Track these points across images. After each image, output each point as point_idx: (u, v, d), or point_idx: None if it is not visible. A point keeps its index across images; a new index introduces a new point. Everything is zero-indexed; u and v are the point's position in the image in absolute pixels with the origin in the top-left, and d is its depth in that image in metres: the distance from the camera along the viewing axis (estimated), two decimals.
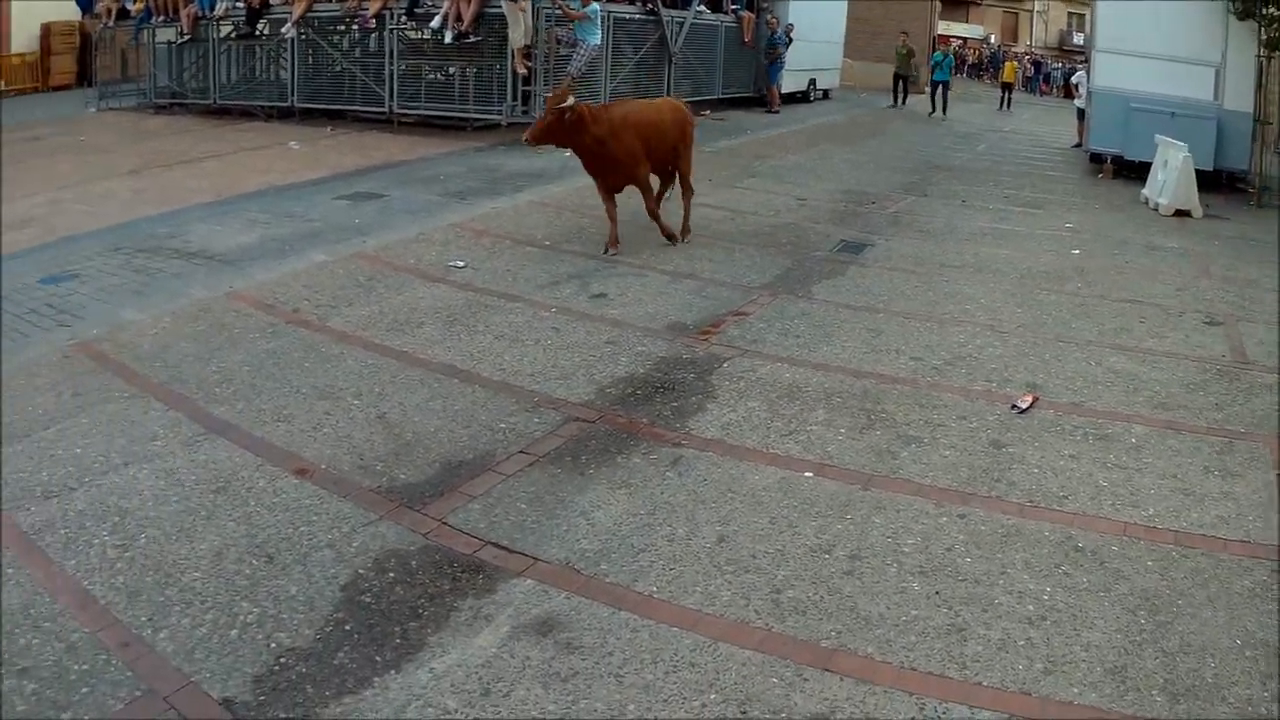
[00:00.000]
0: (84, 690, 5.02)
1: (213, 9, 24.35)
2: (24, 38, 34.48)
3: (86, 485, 6.90)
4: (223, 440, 7.49)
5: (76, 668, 5.18)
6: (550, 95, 12.60)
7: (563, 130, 11.91)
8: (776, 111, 28.23)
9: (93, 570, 5.98)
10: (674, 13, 24.22)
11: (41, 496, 6.80)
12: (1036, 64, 63.47)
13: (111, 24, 28.28)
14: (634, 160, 12.53)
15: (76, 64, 35.45)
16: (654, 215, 13.06)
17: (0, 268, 10.25)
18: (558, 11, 20.05)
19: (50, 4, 34.88)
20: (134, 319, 10.15)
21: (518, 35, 19.70)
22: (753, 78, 29.10)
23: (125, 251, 12.47)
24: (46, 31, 35.37)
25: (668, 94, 23.37)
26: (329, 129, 20.96)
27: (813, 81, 32.70)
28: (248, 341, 9.45)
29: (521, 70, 20.07)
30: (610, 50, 21.93)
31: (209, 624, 5.47)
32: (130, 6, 27.71)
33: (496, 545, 6.21)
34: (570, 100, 11.93)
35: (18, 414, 8.14)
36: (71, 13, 35.99)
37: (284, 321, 9.93)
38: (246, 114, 22.68)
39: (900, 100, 34.26)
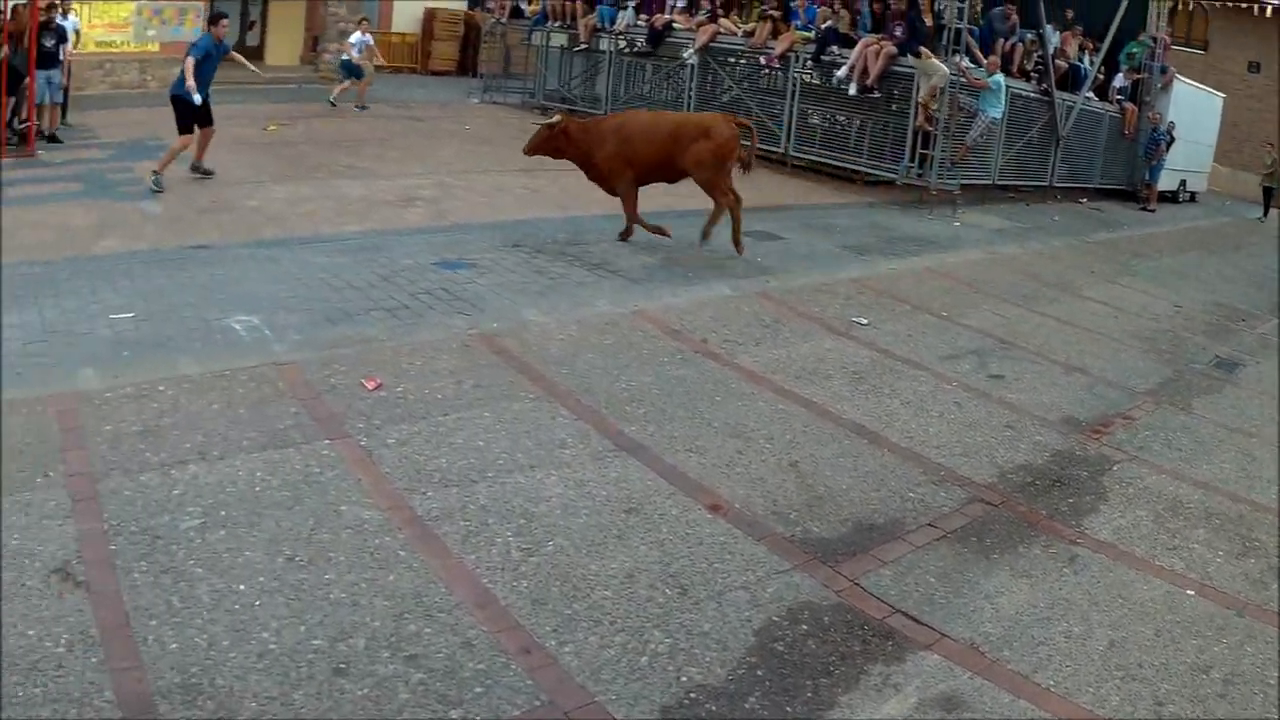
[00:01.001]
0: (477, 690, 5.14)
1: (613, 23, 25.05)
2: (407, 19, 36.18)
3: (490, 481, 7.11)
4: (634, 461, 7.62)
5: (471, 665, 5.31)
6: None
7: (552, 143, 13.84)
8: (1152, 210, 27.59)
9: (494, 569, 6.14)
10: (1065, 95, 23.99)
11: (440, 483, 7.05)
12: None
13: (504, 20, 29.35)
14: (612, 169, 13.91)
15: (458, 52, 36.93)
16: (631, 221, 14.15)
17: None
18: (962, 79, 19.99)
19: None
20: (537, 320, 10.47)
21: (924, 94, 19.66)
22: (1127, 171, 28.54)
23: (524, 250, 12.91)
24: (430, 16, 37.05)
25: (1050, 179, 23.13)
26: None
27: (1183, 183, 31.86)
28: (657, 364, 9.62)
29: (925, 127, 19.99)
30: (1004, 124, 21.74)
31: (618, 646, 5.55)
32: (525, 7, 28.71)
33: (906, 615, 6.27)
34: (557, 117, 13.97)
35: (414, 394, 8.51)
36: (458, 2, 37.65)
37: (692, 350, 10.07)
38: None
39: (1266, 212, 33.07)
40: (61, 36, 19.78)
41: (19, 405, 8.17)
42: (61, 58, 19.34)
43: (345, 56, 26.81)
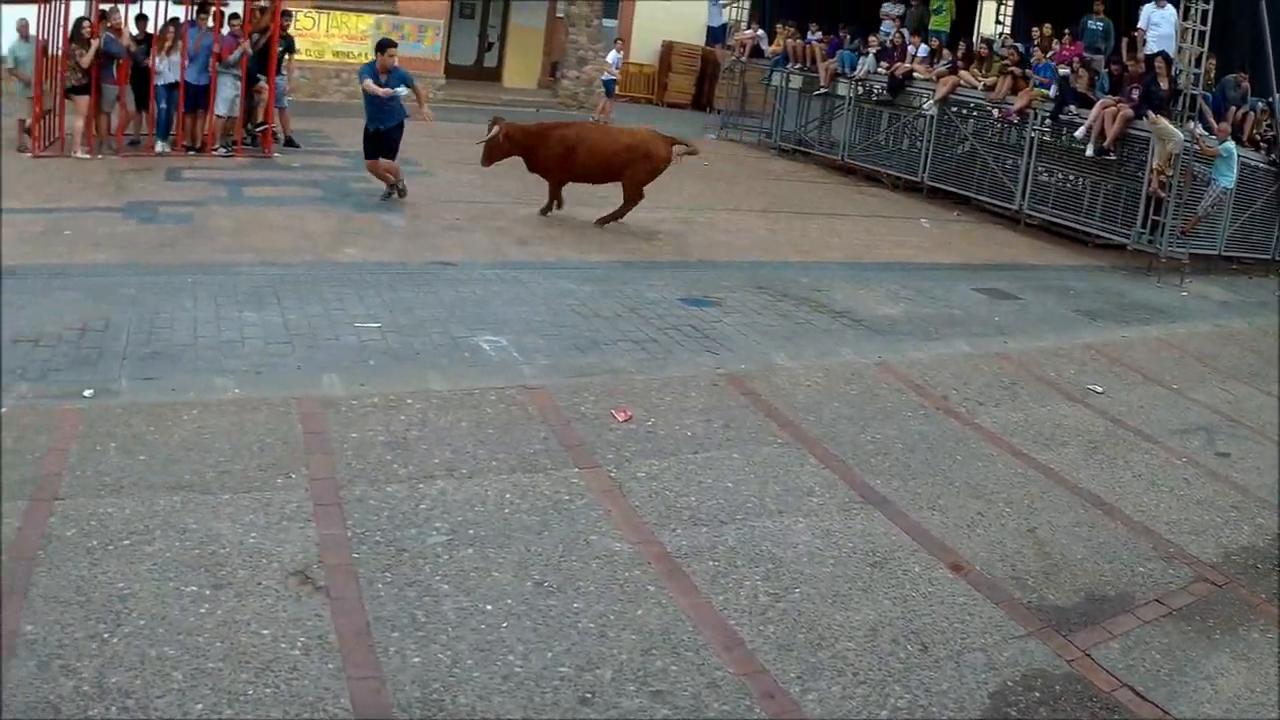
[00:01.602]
0: None
1: (853, 69, 24.96)
2: (645, 50, 36.60)
3: (738, 523, 7.17)
4: (879, 514, 7.62)
5: (716, 706, 5.35)
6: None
7: (500, 149, 15.73)
8: None
9: (742, 611, 6.19)
10: None
11: (689, 521, 7.13)
12: None
13: (744, 59, 29.46)
14: (550, 170, 16.17)
15: (694, 86, 37.20)
16: (544, 212, 16.45)
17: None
18: (1195, 145, 19.54)
19: (675, 24, 36.92)
20: (784, 365, 10.52)
21: (1159, 160, 19.27)
22: None
23: (769, 293, 12.94)
24: (668, 49, 37.48)
25: (1274, 251, 22.48)
26: (955, 213, 21.10)
27: None
28: (900, 418, 9.59)
29: (1158, 193, 19.58)
30: (1232, 193, 21.17)
31: (859, 698, 5.56)
32: (766, 48, 28.80)
33: (1132, 689, 6.19)
34: (495, 129, 15.56)
35: (663, 429, 8.62)
36: (694, 35, 38.06)
37: (934, 407, 10.02)
38: (871, 178, 23.12)
39: None
40: (289, 46, 20.60)
41: (260, 404, 8.49)
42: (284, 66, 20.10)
43: (606, 76, 27.52)
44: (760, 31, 29.23)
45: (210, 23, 19.35)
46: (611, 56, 29.05)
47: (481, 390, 9.11)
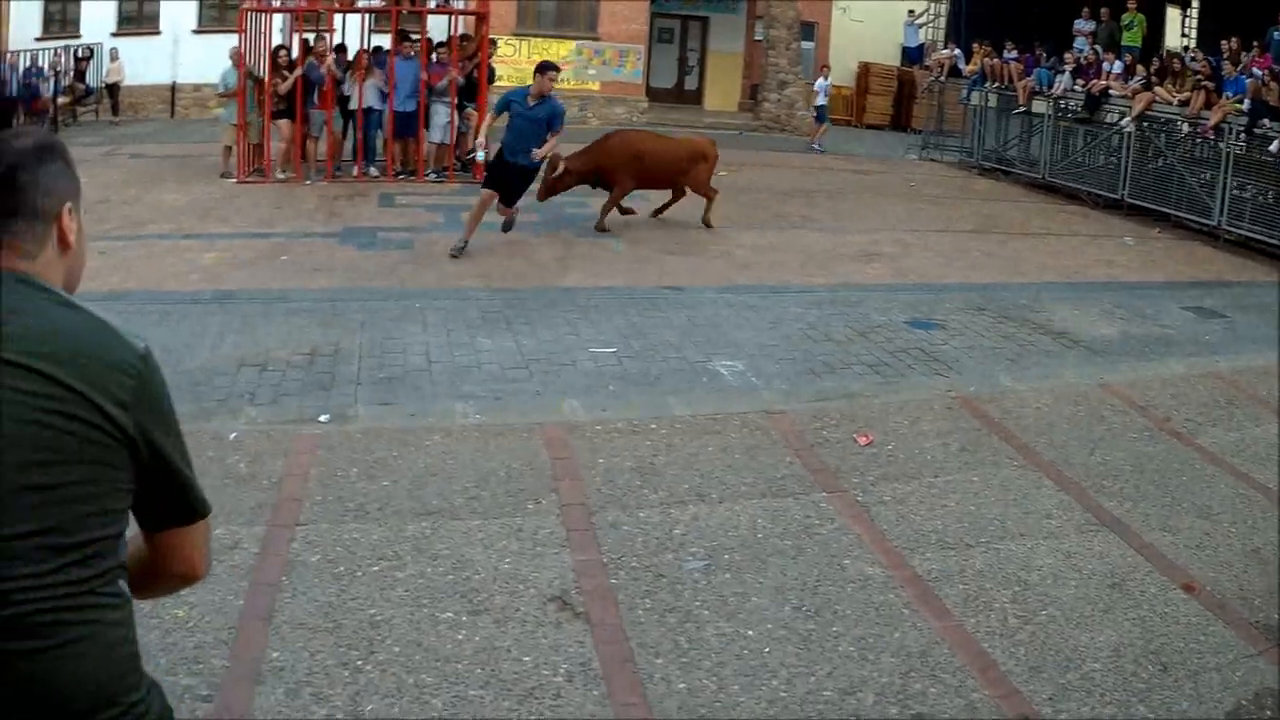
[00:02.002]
0: None
1: (1050, 86, 24.65)
2: (842, 73, 36.49)
3: (983, 546, 7.26)
4: (1114, 536, 7.62)
5: None
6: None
7: (563, 183, 15.71)
8: None
9: (993, 634, 6.26)
10: None
11: (938, 545, 7.24)
12: None
13: (943, 79, 29.26)
14: (619, 181, 16.25)
15: (891, 107, 37.03)
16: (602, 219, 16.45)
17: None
18: None
19: (870, 45, 36.96)
20: (1011, 387, 10.54)
21: None
22: None
23: (989, 314, 12.92)
24: (864, 70, 37.44)
25: None
26: (1155, 230, 20.73)
27: None
28: (1127, 440, 9.54)
29: None
30: None
31: (1106, 719, 5.58)
32: (963, 67, 28.58)
33: None
34: (561, 167, 15.44)
35: (903, 452, 8.74)
36: (889, 56, 38.07)
37: (1157, 427, 9.94)
38: (1071, 196, 22.74)
39: None
40: (490, 74, 21.13)
41: (504, 430, 8.67)
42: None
43: (820, 102, 27.72)
44: (957, 51, 29.03)
45: (413, 52, 19.75)
46: (820, 83, 29.20)
47: (724, 415, 9.27)
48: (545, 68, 14.26)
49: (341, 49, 20.19)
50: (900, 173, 25.51)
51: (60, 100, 28.69)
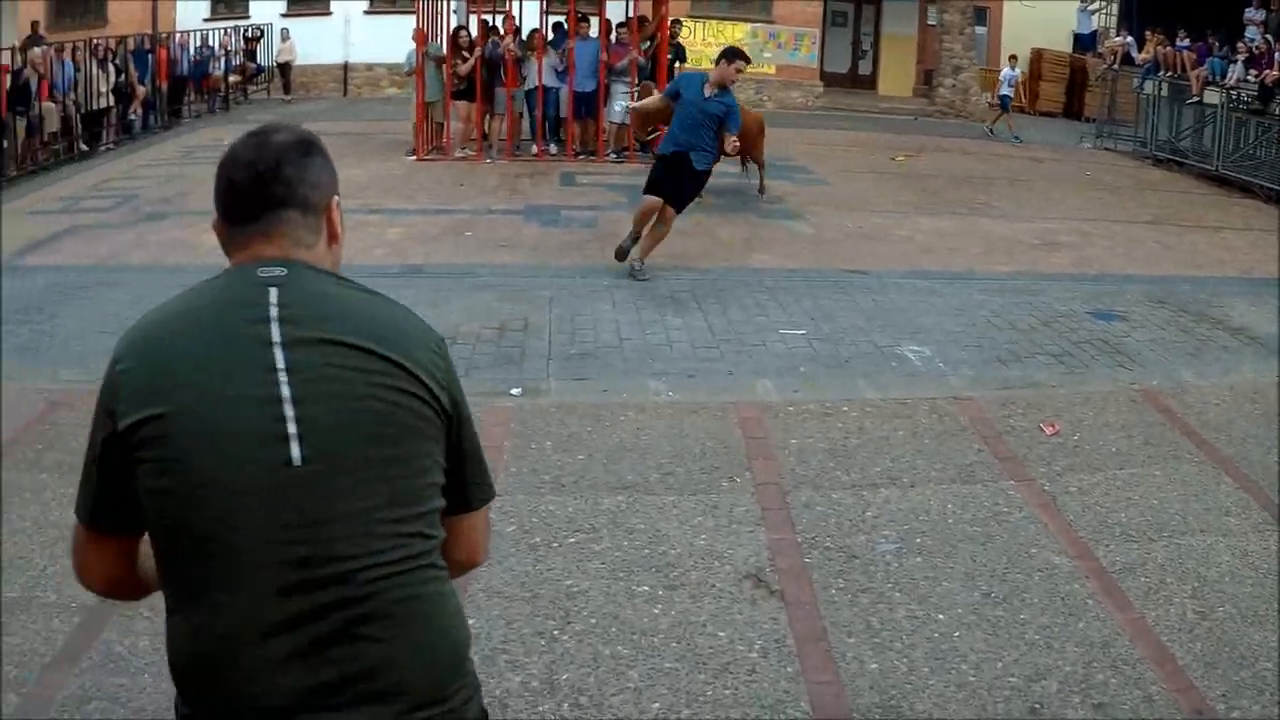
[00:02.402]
0: None
1: (1223, 76, 23.90)
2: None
3: (1165, 540, 7.13)
4: None
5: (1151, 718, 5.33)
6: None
7: (653, 116, 15.71)
8: None
9: (1172, 628, 6.15)
10: None
11: (1122, 537, 7.14)
12: None
13: (1116, 67, 28.50)
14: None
15: (1064, 95, 36.20)
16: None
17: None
18: None
19: (1043, 31, 36.08)
20: (1192, 382, 10.26)
21: None
22: None
23: (1169, 307, 12.57)
24: (1038, 57, 36.35)
25: None
26: None
27: None
28: None
29: None
30: None
31: (1275, 719, 5.44)
32: (1136, 56, 27.75)
33: None
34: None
35: (1088, 443, 8.59)
36: (1061, 43, 37.16)
37: None
38: (1244, 190, 21.85)
39: None
40: (680, 54, 21.64)
41: (697, 408, 8.71)
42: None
43: (1005, 92, 27.25)
44: (1130, 39, 28.27)
45: (593, 31, 19.79)
46: (1005, 73, 28.66)
47: (913, 400, 9.25)
48: (732, 55, 11.76)
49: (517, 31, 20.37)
50: (1075, 161, 24.74)
51: (231, 79, 29.62)
